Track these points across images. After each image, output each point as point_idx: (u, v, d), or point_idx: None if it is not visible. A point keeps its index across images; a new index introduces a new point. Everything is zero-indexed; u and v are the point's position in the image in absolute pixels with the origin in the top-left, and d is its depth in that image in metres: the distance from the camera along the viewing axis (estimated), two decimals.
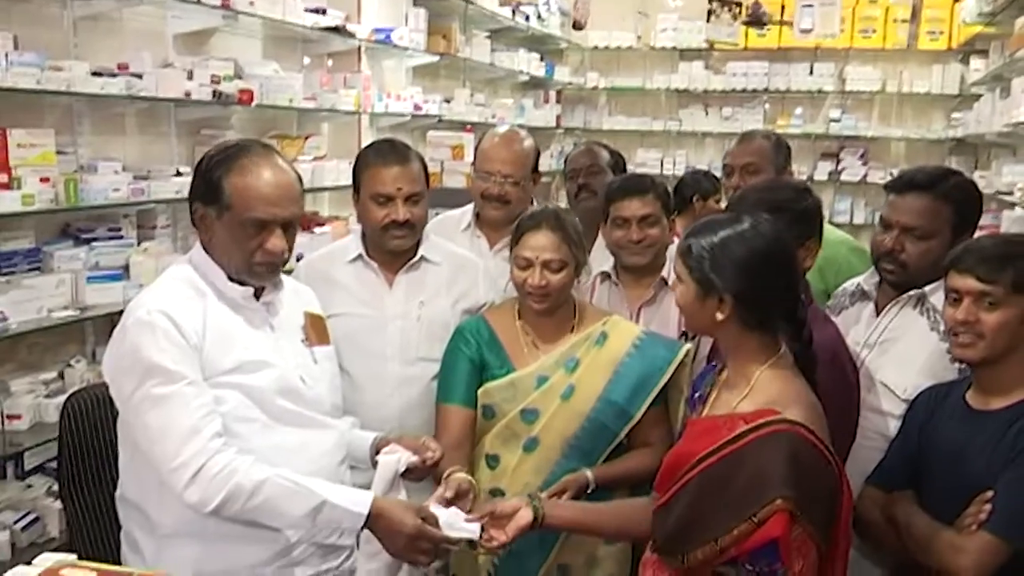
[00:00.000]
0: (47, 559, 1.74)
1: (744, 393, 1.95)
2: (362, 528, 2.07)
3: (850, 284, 2.79)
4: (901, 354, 2.47)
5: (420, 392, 2.79)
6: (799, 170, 9.10)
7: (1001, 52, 6.82)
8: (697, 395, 2.16)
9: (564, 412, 2.55)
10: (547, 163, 8.61)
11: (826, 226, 3.30)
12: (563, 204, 7.27)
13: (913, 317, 2.50)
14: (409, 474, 2.32)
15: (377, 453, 2.35)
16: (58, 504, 3.29)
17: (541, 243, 2.58)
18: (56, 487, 3.49)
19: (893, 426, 2.39)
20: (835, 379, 2.21)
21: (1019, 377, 2.08)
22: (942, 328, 2.35)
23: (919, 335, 2.46)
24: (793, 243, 2.09)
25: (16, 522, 3.34)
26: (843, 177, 9.03)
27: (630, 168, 8.91)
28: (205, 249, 2.22)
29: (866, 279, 2.65)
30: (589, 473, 2.50)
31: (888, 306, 2.55)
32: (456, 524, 2.14)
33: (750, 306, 1.93)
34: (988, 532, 1.97)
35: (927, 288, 2.47)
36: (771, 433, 1.83)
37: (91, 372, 3.65)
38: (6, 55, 3.23)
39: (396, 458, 2.30)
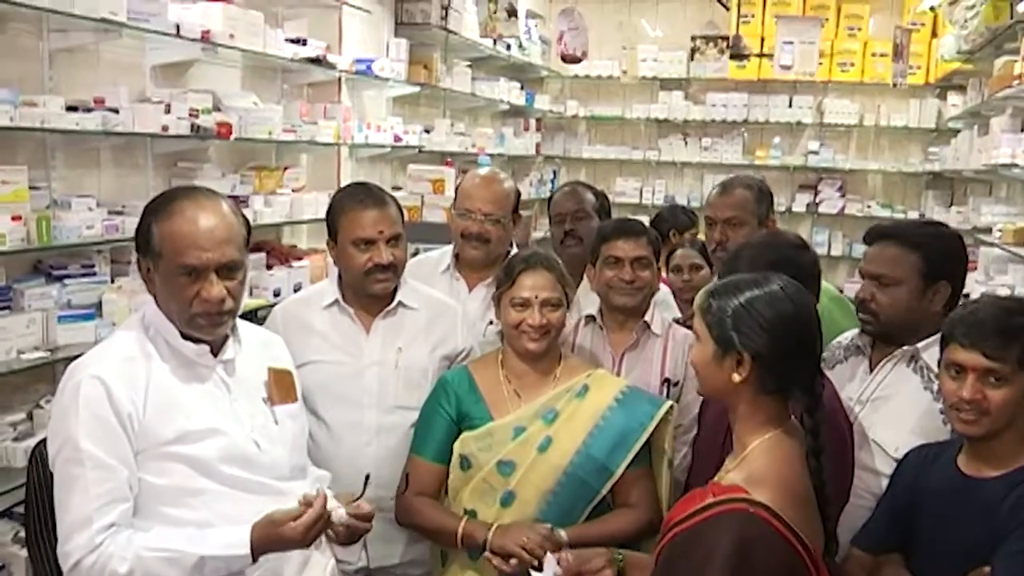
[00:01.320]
0: None
1: (736, 463, 1.92)
2: (255, 559, 2.02)
3: (844, 337, 2.78)
4: (893, 412, 2.46)
5: (398, 441, 2.75)
6: (777, 201, 9.10)
7: (979, 89, 6.88)
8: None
9: (541, 465, 2.51)
10: (527, 191, 8.62)
11: None
12: (541, 234, 7.30)
13: (906, 375, 2.49)
14: (335, 535, 2.17)
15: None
16: (24, 552, 3.21)
17: (539, 283, 2.58)
18: (23, 534, 3.41)
19: (884, 485, 2.37)
20: (832, 439, 2.17)
21: (1014, 447, 2.06)
22: (935, 388, 2.36)
23: (912, 393, 2.45)
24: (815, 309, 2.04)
25: None
26: (821, 209, 9.09)
27: (609, 196, 9.06)
28: (158, 305, 2.14)
29: (859, 335, 2.65)
30: (563, 533, 2.42)
31: (882, 363, 2.54)
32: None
33: (769, 369, 1.88)
34: None
35: (920, 345, 2.47)
36: (726, 512, 1.80)
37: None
38: None
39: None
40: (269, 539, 2.01)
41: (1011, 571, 1.92)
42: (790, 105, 9.03)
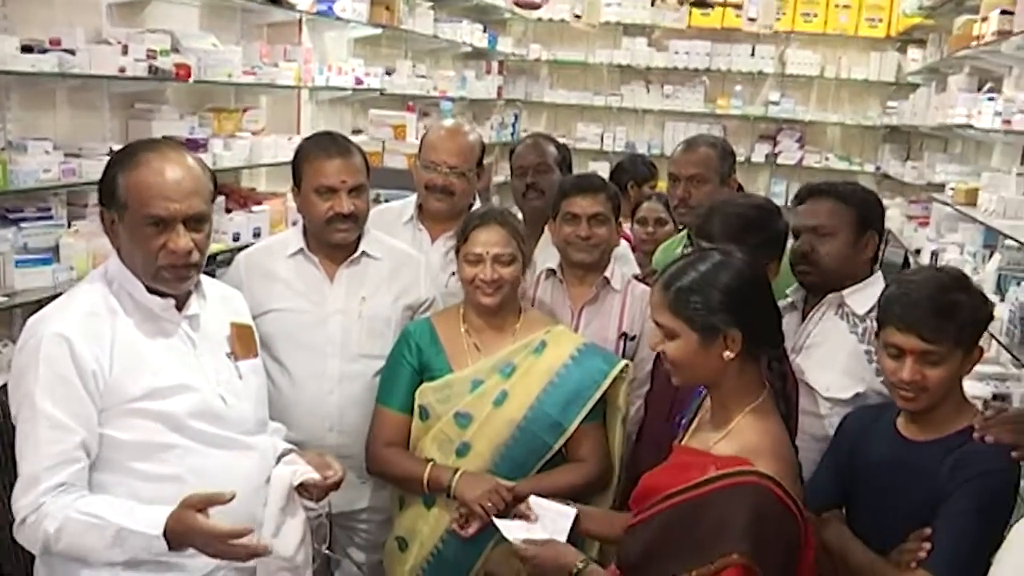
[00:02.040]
0: None
1: (723, 434, 1.98)
2: (170, 547, 1.90)
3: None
4: (824, 356, 2.58)
5: (361, 389, 2.78)
6: (738, 151, 9.14)
7: (938, 45, 6.94)
8: (684, 420, 2.19)
9: (496, 419, 2.56)
10: (488, 135, 8.58)
11: None
12: (501, 179, 7.29)
13: (834, 321, 2.63)
14: (304, 491, 2.23)
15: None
16: None
17: (491, 238, 2.61)
18: None
19: (818, 426, 2.50)
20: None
21: (951, 413, 2.12)
22: (860, 331, 2.54)
23: (839, 338, 2.59)
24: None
25: None
26: (780, 160, 9.16)
27: (570, 141, 9.06)
28: (121, 259, 2.12)
29: (793, 291, 2.75)
30: (508, 484, 2.49)
31: (812, 313, 2.67)
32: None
33: (754, 335, 1.96)
34: (928, 571, 1.99)
35: (844, 292, 2.61)
36: (738, 484, 1.86)
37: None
38: None
39: (292, 470, 2.22)
40: (184, 524, 1.89)
41: (952, 531, 1.99)
42: (752, 55, 9.04)
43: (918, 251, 6.01)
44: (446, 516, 2.56)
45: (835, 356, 2.56)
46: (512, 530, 2.28)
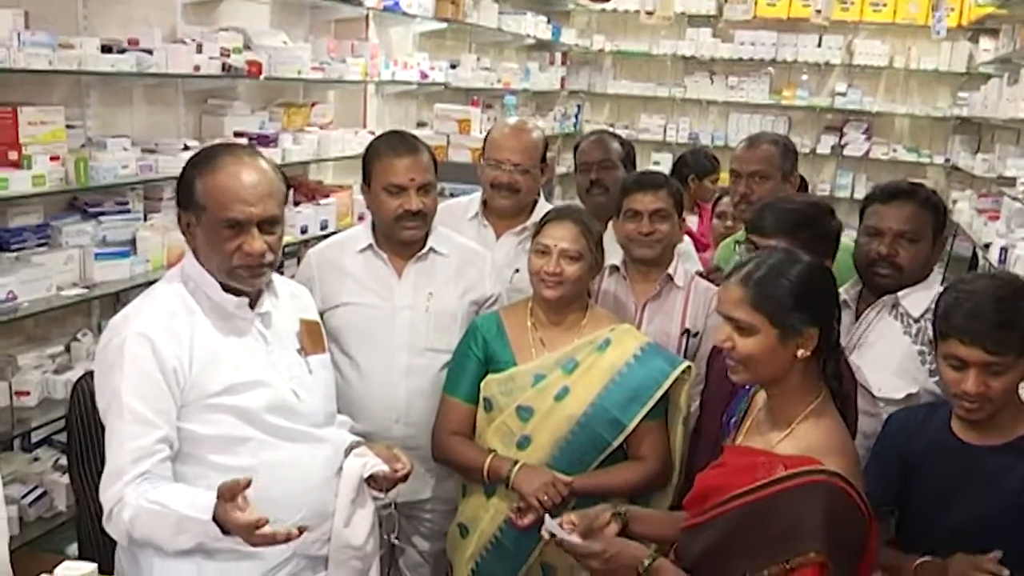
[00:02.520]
0: (70, 570, 1.80)
1: (785, 433, 1.98)
2: (223, 531, 1.91)
3: None
4: (878, 356, 2.57)
5: (427, 382, 2.83)
6: (802, 143, 9.10)
7: (1012, 35, 6.79)
8: (732, 420, 2.20)
9: (556, 413, 2.60)
10: (550, 127, 8.60)
11: None
12: (564, 169, 7.29)
13: (888, 322, 2.62)
14: (374, 483, 2.29)
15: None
16: (65, 479, 3.34)
17: (561, 233, 2.65)
18: (62, 460, 3.54)
19: (871, 424, 2.45)
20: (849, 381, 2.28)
21: (1014, 415, 2.09)
22: (914, 331, 2.54)
23: (893, 338, 2.58)
24: None
25: (24, 496, 3.38)
26: (846, 152, 9.02)
27: (632, 133, 9.03)
28: (197, 259, 2.19)
29: (847, 289, 2.71)
30: (565, 479, 2.52)
31: (866, 312, 2.66)
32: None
33: (828, 335, 1.98)
34: None
35: (899, 294, 2.60)
36: (810, 483, 1.86)
37: (96, 346, 3.67)
38: (18, 35, 3.21)
39: (362, 463, 2.29)
40: (223, 514, 1.90)
41: None
42: (819, 45, 8.92)
43: (987, 246, 5.89)
44: (505, 506, 2.60)
45: (889, 356, 2.55)
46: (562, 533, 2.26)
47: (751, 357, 1.97)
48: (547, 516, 2.30)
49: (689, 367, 2.65)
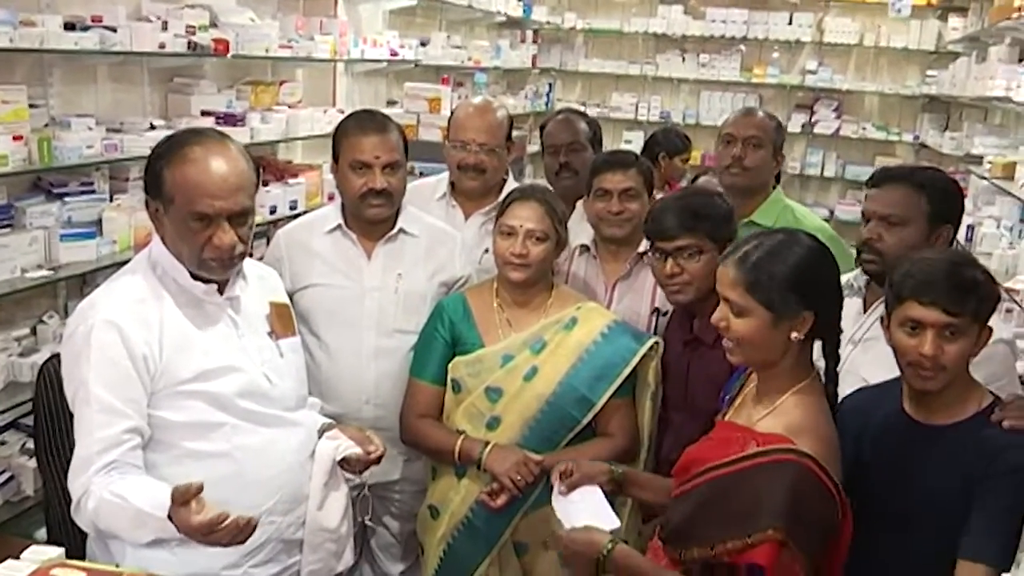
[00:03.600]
0: (37, 554, 1.78)
1: (767, 410, 2.02)
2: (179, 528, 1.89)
3: (843, 278, 2.83)
4: (883, 351, 2.44)
5: (396, 363, 2.83)
6: None
7: (980, 14, 6.84)
8: (727, 396, 2.23)
9: (526, 393, 2.61)
10: (522, 104, 8.57)
11: (804, 213, 3.39)
12: (535, 148, 7.28)
13: None
14: (347, 465, 2.30)
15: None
16: (32, 463, 3.30)
17: (526, 213, 2.64)
18: (30, 444, 3.50)
19: None
20: None
21: (962, 393, 2.09)
22: None
23: None
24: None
25: None
26: (816, 130, 9.05)
27: (604, 111, 9.01)
28: (165, 245, 2.16)
29: (856, 275, 2.68)
30: (536, 458, 2.55)
31: (875, 304, 2.59)
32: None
33: (824, 318, 2.01)
34: (988, 565, 1.93)
35: None
36: (778, 461, 1.90)
37: (64, 328, 3.62)
38: None
39: (334, 445, 2.29)
40: (176, 516, 1.87)
41: (1002, 524, 1.95)
42: (790, 22, 8.93)
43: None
44: (476, 486, 2.62)
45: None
46: (566, 515, 2.31)
47: (744, 339, 2.01)
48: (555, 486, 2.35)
49: (657, 343, 2.67)
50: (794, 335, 1.98)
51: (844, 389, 2.45)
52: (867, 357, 2.53)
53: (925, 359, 2.02)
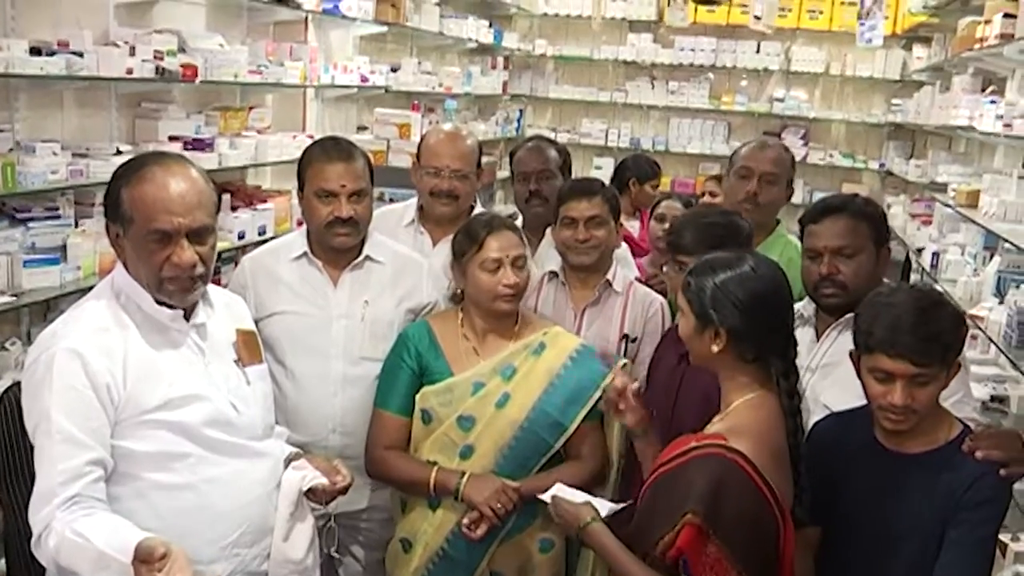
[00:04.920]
0: None
1: (721, 417, 2.09)
2: None
3: None
4: (841, 377, 2.50)
5: (363, 392, 2.80)
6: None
7: (943, 44, 6.95)
8: None
9: (499, 420, 2.59)
10: (492, 131, 8.60)
11: (786, 235, 3.35)
12: (505, 173, 7.29)
13: (849, 340, 2.57)
14: (313, 495, 2.26)
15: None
16: None
17: (506, 243, 2.64)
18: None
19: None
20: None
21: (934, 421, 2.11)
22: None
23: None
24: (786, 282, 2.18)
25: None
26: None
27: (574, 137, 9.06)
28: (128, 271, 2.12)
29: (804, 305, 2.70)
30: (514, 485, 2.54)
31: (827, 331, 2.62)
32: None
33: (744, 341, 2.07)
34: None
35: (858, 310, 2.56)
36: (706, 455, 1.97)
37: (26, 355, 3.57)
38: None
39: (300, 476, 2.26)
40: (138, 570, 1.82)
41: (975, 556, 2.01)
42: (758, 51, 9.03)
43: (920, 250, 6.03)
44: (451, 516, 2.59)
45: (853, 377, 2.44)
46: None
47: (682, 337, 2.19)
48: (559, 483, 2.41)
49: (626, 364, 2.67)
50: (714, 347, 2.08)
51: (807, 417, 2.47)
52: (826, 383, 2.55)
53: (896, 407, 2.05)
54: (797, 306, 2.76)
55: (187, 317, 2.17)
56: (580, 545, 2.47)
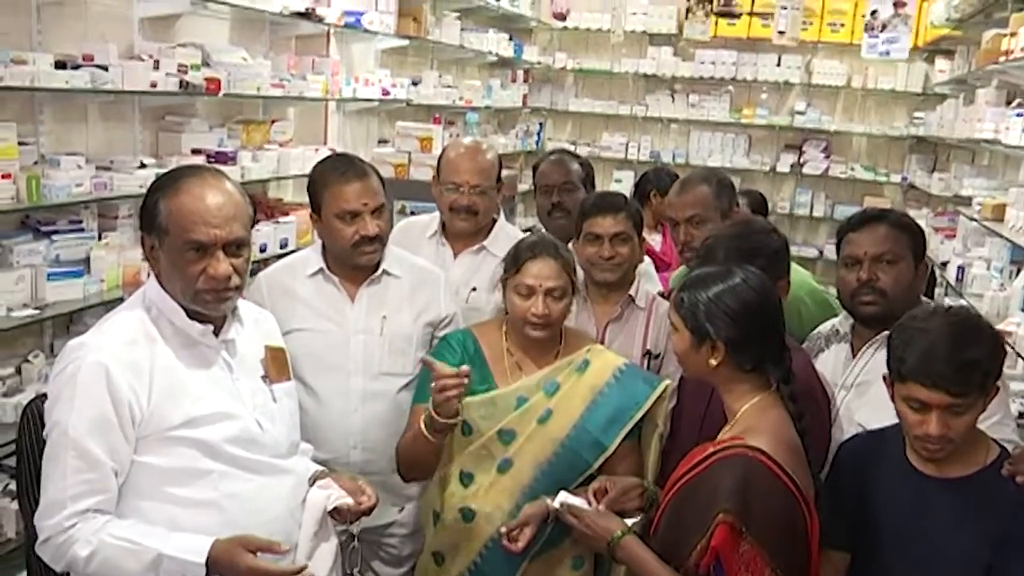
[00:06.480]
0: None
1: (730, 425, 2.11)
2: (208, 573, 1.96)
3: (825, 327, 2.83)
4: (877, 395, 2.42)
5: (384, 407, 2.79)
6: (761, 161, 9.19)
7: (967, 56, 6.89)
8: None
9: (539, 436, 2.56)
10: (512, 143, 8.62)
11: (795, 268, 3.33)
12: (525, 187, 7.30)
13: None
14: (337, 515, 2.26)
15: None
16: (15, 505, 3.26)
17: (543, 271, 2.58)
18: (11, 485, 3.46)
19: None
20: (809, 410, 2.24)
21: (970, 444, 2.05)
22: None
23: None
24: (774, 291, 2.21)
25: None
26: (805, 170, 9.11)
27: (594, 150, 9.07)
28: (161, 284, 2.14)
29: (841, 321, 2.67)
30: (550, 502, 2.50)
31: (863, 348, 2.58)
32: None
33: (742, 351, 2.10)
34: None
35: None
36: (729, 456, 1.99)
37: (49, 367, 3.58)
38: None
39: (326, 495, 2.25)
40: (231, 558, 1.97)
41: None
42: (779, 64, 9.01)
43: (944, 264, 5.98)
44: (486, 529, 2.55)
45: (888, 396, 2.47)
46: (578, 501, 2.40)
47: (676, 353, 2.23)
48: (562, 491, 2.42)
49: (667, 386, 2.62)
50: (712, 361, 2.11)
51: (840, 436, 2.44)
52: (861, 402, 2.52)
53: (931, 438, 1.98)
54: (833, 322, 2.74)
55: (216, 332, 2.17)
56: (610, 562, 2.43)
